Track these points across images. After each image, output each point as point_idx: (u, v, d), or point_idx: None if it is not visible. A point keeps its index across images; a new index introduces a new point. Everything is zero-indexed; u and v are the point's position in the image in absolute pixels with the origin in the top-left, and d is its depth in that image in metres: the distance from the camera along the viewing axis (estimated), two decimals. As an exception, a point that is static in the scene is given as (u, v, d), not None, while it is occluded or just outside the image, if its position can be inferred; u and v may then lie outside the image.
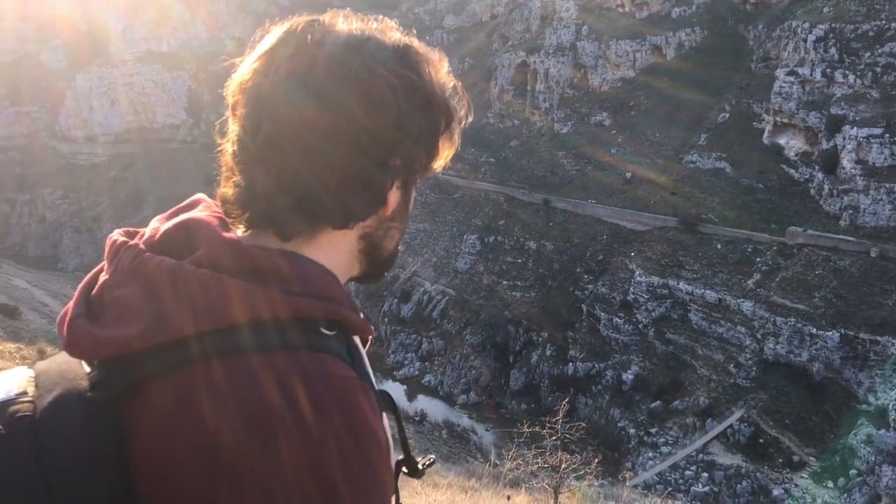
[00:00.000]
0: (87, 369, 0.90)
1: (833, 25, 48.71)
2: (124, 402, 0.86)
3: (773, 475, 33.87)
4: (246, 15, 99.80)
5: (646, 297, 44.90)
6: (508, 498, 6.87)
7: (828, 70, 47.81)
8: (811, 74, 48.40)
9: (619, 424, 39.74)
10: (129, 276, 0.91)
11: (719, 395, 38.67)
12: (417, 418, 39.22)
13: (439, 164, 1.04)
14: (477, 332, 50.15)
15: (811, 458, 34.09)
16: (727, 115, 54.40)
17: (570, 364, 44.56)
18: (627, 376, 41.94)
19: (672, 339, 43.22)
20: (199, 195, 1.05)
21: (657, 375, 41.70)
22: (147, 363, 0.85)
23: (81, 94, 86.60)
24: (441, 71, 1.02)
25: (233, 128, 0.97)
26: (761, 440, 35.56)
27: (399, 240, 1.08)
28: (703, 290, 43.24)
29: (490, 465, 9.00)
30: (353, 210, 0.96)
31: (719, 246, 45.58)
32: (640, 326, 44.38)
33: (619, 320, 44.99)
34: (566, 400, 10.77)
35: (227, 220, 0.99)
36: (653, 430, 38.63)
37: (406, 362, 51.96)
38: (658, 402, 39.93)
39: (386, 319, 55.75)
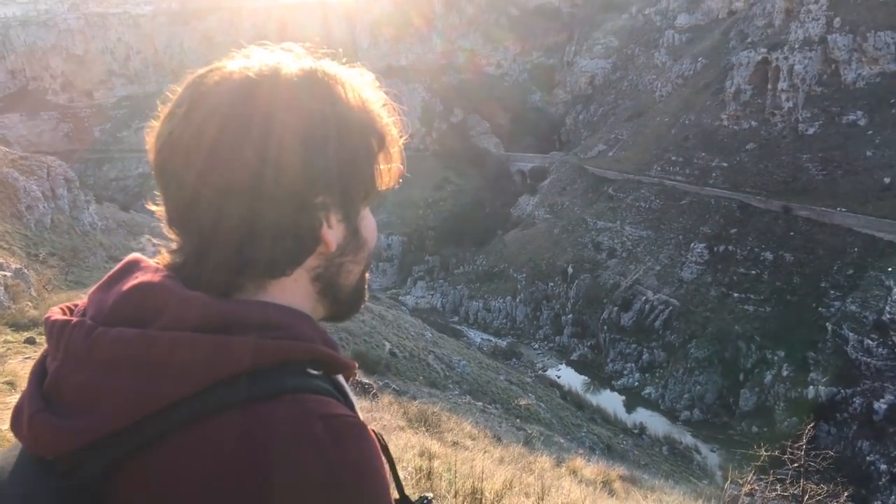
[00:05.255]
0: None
1: None
2: (100, 485, 0.80)
3: None
4: (477, 27, 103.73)
5: (906, 318, 39.75)
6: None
7: None
8: None
9: (868, 458, 35.65)
10: (84, 357, 0.83)
11: None
12: (636, 431, 38.06)
13: (384, 184, 0.99)
14: (703, 345, 47.66)
15: None
16: None
17: (811, 387, 40.78)
18: (880, 405, 37.45)
19: (939, 367, 37.89)
20: (134, 255, 0.98)
21: (918, 408, 36.77)
22: (124, 441, 0.79)
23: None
24: (360, 89, 0.96)
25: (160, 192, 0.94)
26: None
27: (360, 273, 1.02)
28: (981, 314, 37.38)
29: (725, 487, 8.61)
30: (281, 258, 0.91)
31: None
32: (898, 351, 39.37)
33: (871, 342, 40.26)
34: (811, 425, 9.94)
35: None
36: (910, 469, 34.19)
37: (625, 372, 50.72)
38: (919, 437, 35.27)
39: (605, 327, 54.84)
